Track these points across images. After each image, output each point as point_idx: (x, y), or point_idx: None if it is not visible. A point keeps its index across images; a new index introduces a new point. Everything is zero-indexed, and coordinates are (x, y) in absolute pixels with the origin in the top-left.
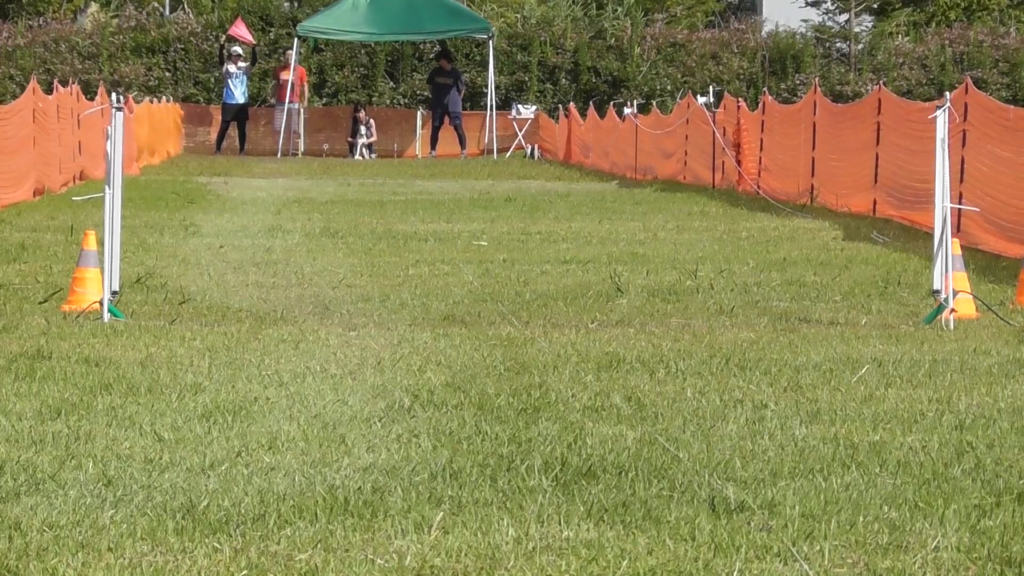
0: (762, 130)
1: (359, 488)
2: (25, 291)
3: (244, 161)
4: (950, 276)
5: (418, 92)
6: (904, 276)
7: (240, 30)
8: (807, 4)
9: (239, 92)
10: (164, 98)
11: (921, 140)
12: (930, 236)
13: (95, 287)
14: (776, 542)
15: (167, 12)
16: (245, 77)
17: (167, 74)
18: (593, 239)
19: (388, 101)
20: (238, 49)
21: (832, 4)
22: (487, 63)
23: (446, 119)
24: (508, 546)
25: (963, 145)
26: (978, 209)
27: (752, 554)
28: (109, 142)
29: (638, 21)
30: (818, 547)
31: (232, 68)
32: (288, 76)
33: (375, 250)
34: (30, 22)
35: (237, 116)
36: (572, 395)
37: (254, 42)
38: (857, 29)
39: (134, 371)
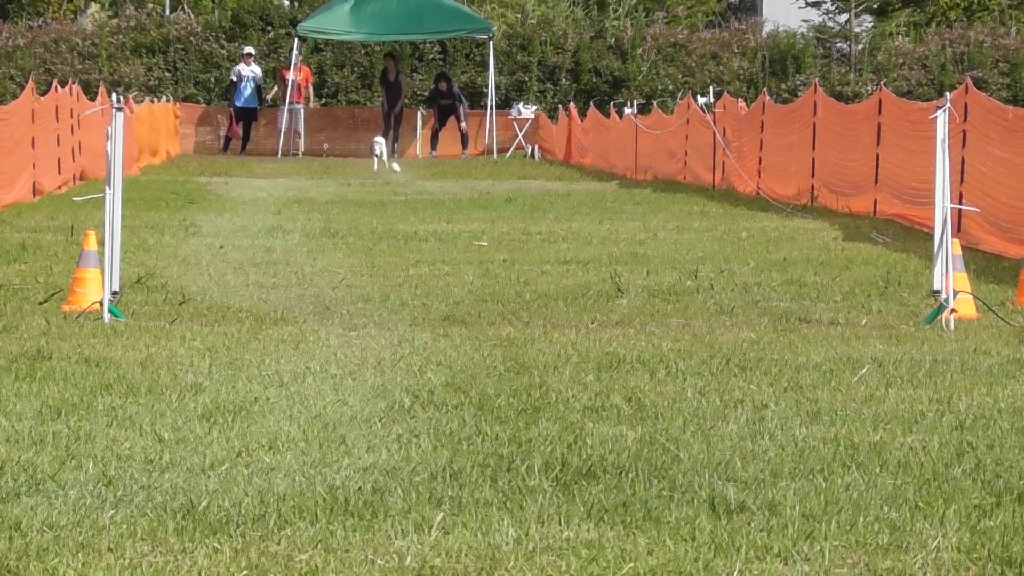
0: (761, 130)
1: (359, 488)
2: (25, 291)
3: (244, 161)
4: (950, 276)
5: (418, 92)
6: (904, 276)
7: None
8: (807, 4)
9: (248, 95)
10: (164, 98)
11: (921, 140)
12: (930, 236)
13: (95, 287)
14: (776, 542)
15: (167, 12)
16: (254, 81)
17: (167, 74)
18: (593, 239)
19: None
20: (250, 49)
21: (832, 4)
22: (487, 63)
23: (449, 121)
24: (508, 546)
25: (963, 145)
26: (978, 209)
27: (752, 554)
28: (109, 142)
29: (640, 21)
30: (818, 547)
31: (244, 70)
32: (294, 76)
33: (375, 250)
34: (30, 22)
35: (245, 118)
36: (572, 395)
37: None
38: (857, 29)
39: (134, 371)
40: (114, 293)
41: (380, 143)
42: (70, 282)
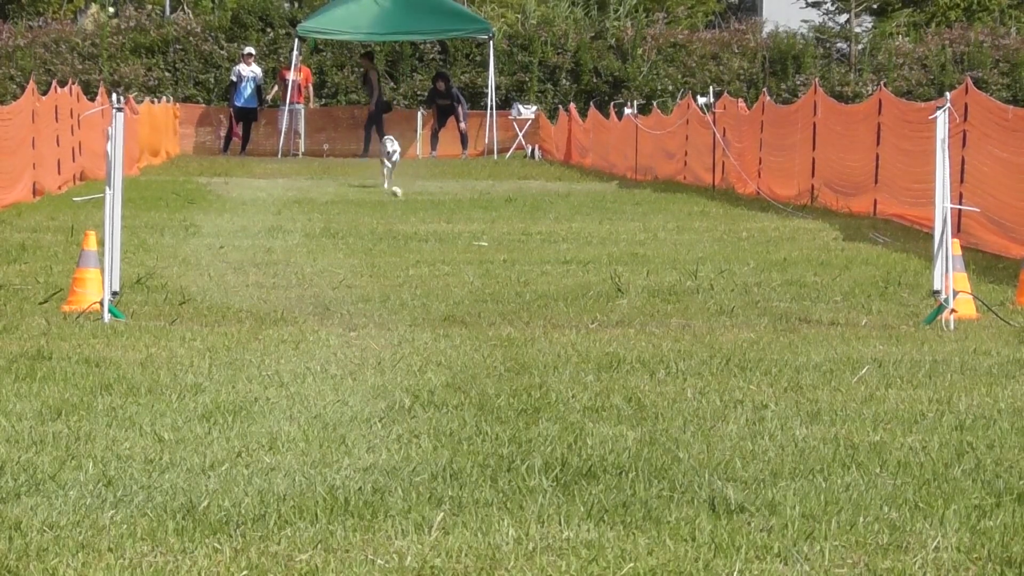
0: (761, 130)
1: (359, 488)
2: (25, 291)
3: (244, 161)
4: (950, 276)
5: (418, 92)
6: (904, 276)
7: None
8: (807, 4)
9: (248, 95)
10: (164, 98)
11: (921, 140)
12: (930, 236)
13: (95, 287)
14: (776, 542)
15: (167, 12)
16: (254, 81)
17: (167, 74)
18: (593, 239)
19: None
20: (250, 49)
21: (832, 5)
22: (487, 63)
23: (448, 121)
24: (508, 546)
25: (963, 145)
26: (978, 209)
27: (752, 554)
28: (109, 142)
29: (640, 22)
30: (818, 547)
31: (244, 70)
32: (294, 76)
33: (375, 250)
34: (30, 23)
35: (245, 118)
36: (572, 395)
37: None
38: (857, 29)
39: (134, 372)
40: (114, 293)
41: (392, 149)
42: (70, 282)
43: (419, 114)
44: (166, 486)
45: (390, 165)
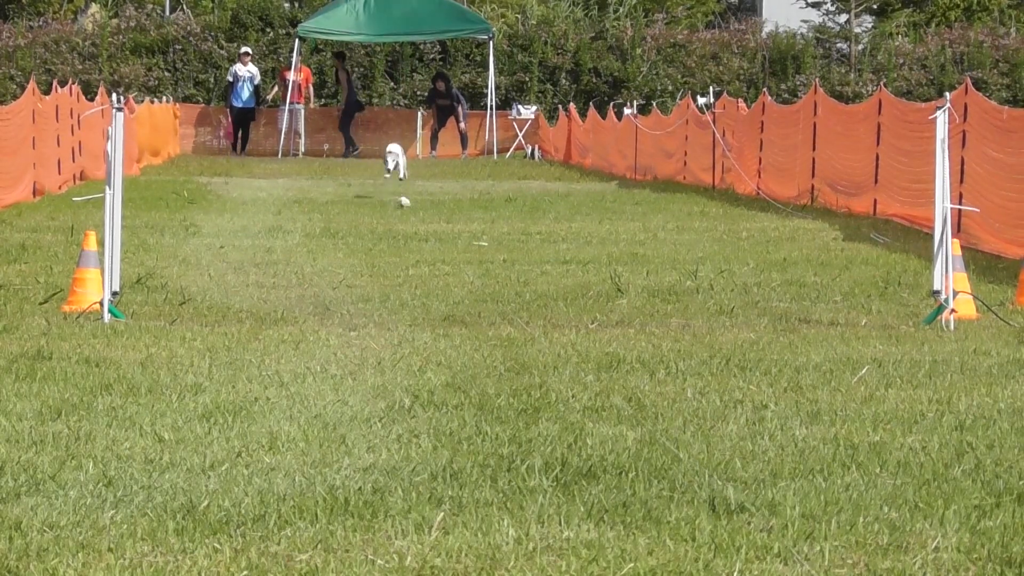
0: (761, 130)
1: (359, 488)
2: (25, 292)
3: (245, 161)
4: (950, 276)
5: (418, 92)
6: (904, 276)
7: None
8: (807, 5)
9: (247, 95)
10: (164, 98)
11: (920, 140)
12: (930, 236)
13: (95, 287)
14: (776, 542)
15: (167, 12)
16: (252, 81)
17: (167, 74)
18: (593, 239)
19: (388, 102)
20: (247, 48)
21: (832, 5)
22: (487, 63)
23: (448, 121)
24: (508, 546)
25: (963, 146)
26: (978, 209)
27: (752, 554)
28: (109, 142)
29: (639, 22)
30: (818, 548)
31: (241, 70)
32: (294, 77)
33: (375, 250)
34: (30, 23)
35: (243, 118)
36: (572, 395)
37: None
38: (857, 30)
39: (134, 372)
40: (114, 293)
41: (396, 154)
42: (70, 282)
43: (419, 114)
44: (166, 486)
45: (388, 176)
